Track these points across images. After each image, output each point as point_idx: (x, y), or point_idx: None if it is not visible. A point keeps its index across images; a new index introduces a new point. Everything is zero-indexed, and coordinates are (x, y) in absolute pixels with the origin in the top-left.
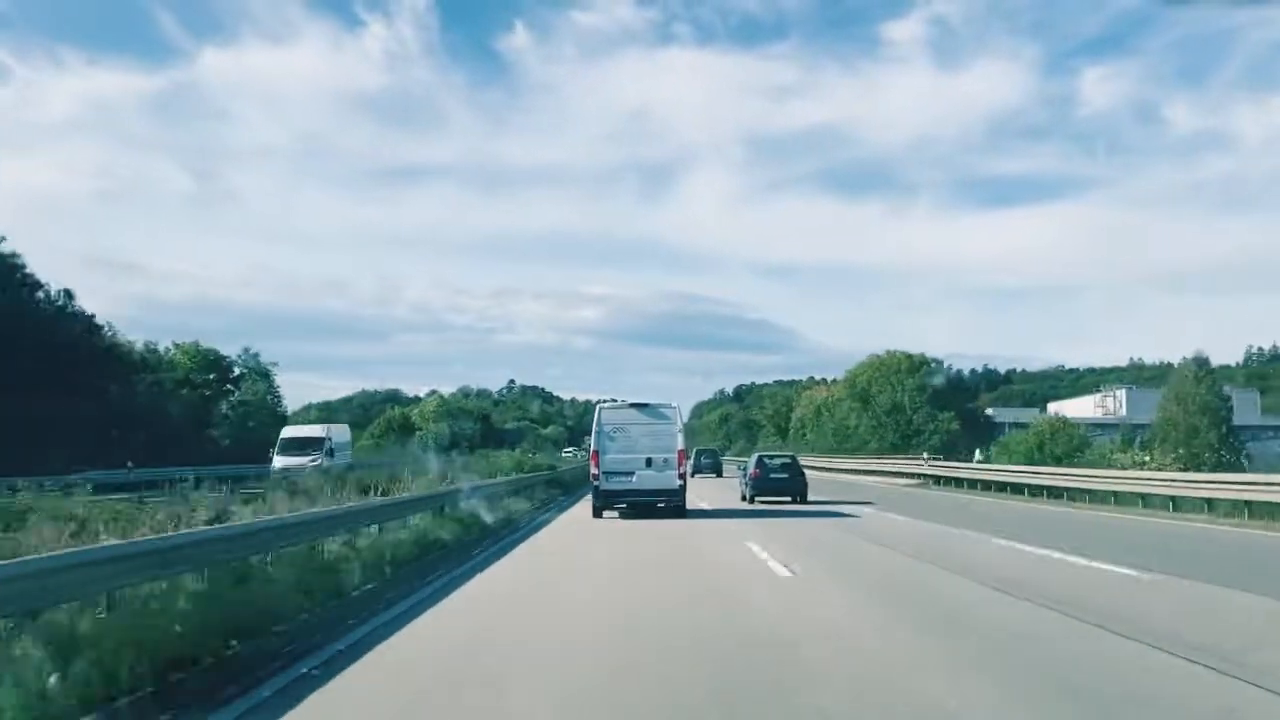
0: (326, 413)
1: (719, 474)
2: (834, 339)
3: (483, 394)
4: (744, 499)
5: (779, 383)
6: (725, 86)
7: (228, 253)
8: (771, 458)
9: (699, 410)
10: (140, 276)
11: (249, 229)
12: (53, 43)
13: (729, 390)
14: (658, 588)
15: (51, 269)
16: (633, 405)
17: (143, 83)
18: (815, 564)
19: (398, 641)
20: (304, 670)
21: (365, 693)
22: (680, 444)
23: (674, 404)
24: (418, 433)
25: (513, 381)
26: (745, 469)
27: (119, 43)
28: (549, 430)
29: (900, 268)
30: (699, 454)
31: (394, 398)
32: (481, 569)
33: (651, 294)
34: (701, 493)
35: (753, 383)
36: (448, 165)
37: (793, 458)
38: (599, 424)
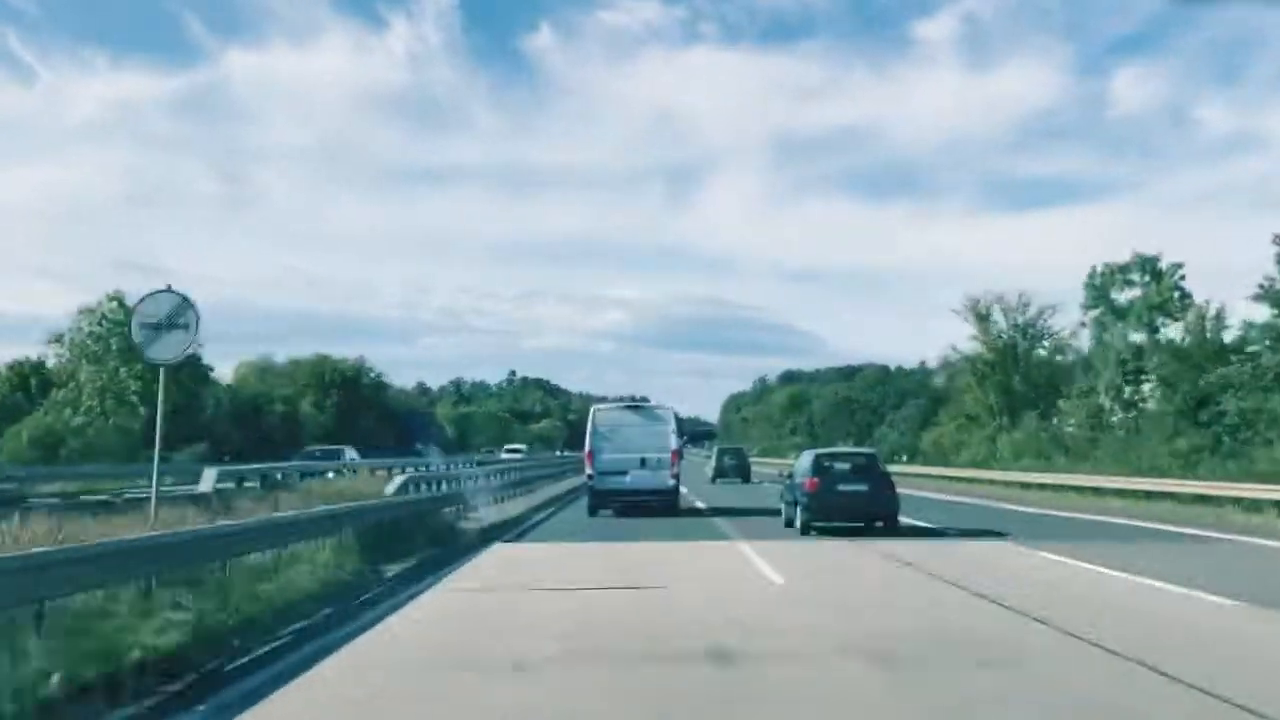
0: None
1: (746, 478)
2: (858, 343)
3: (479, 386)
4: (790, 525)
5: (835, 370)
6: (752, 87)
7: (254, 255)
8: (836, 457)
9: (735, 404)
10: (167, 279)
11: (275, 231)
12: (76, 44)
13: (772, 379)
14: None
15: (78, 271)
16: (627, 406)
17: (168, 84)
18: None
19: None
20: None
21: None
22: (674, 444)
23: (667, 406)
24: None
25: (513, 373)
26: (791, 478)
27: (143, 44)
28: (542, 425)
29: (927, 271)
30: (721, 453)
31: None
32: None
33: (676, 297)
34: (721, 505)
35: (800, 369)
36: (472, 167)
37: (871, 455)
38: (594, 425)
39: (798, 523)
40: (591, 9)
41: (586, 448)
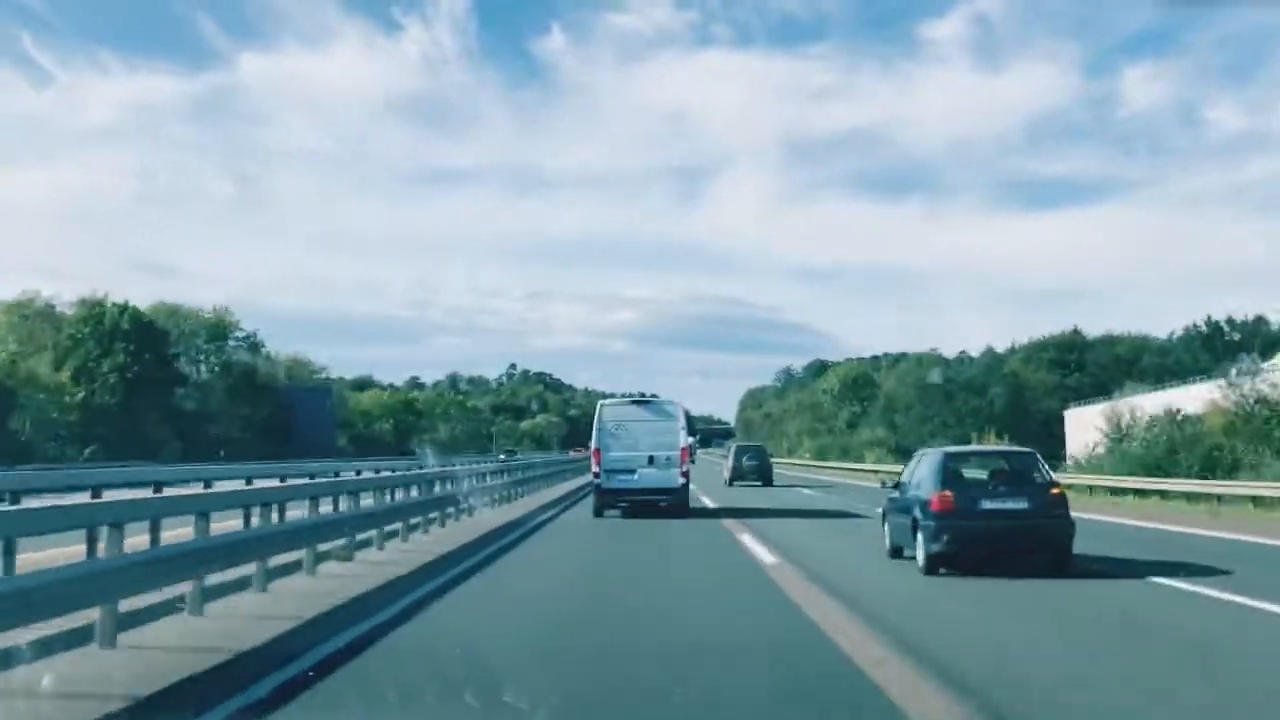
0: None
1: (767, 481)
2: (873, 342)
3: (477, 381)
4: (898, 556)
5: (860, 359)
6: (763, 88)
7: (265, 256)
8: (971, 459)
9: (754, 399)
10: (181, 280)
11: (286, 232)
12: (92, 47)
13: (797, 370)
14: None
15: (90, 272)
16: (634, 402)
17: (182, 87)
18: None
19: None
20: None
21: None
22: (683, 442)
23: (675, 401)
24: None
25: (513, 366)
26: (901, 490)
27: (158, 47)
28: (537, 420)
29: (939, 270)
30: (739, 452)
31: (366, 383)
32: None
33: (688, 297)
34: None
35: (829, 359)
36: (484, 168)
37: (1028, 455)
38: (600, 421)
39: (919, 556)
40: (603, 11)
41: (593, 445)
